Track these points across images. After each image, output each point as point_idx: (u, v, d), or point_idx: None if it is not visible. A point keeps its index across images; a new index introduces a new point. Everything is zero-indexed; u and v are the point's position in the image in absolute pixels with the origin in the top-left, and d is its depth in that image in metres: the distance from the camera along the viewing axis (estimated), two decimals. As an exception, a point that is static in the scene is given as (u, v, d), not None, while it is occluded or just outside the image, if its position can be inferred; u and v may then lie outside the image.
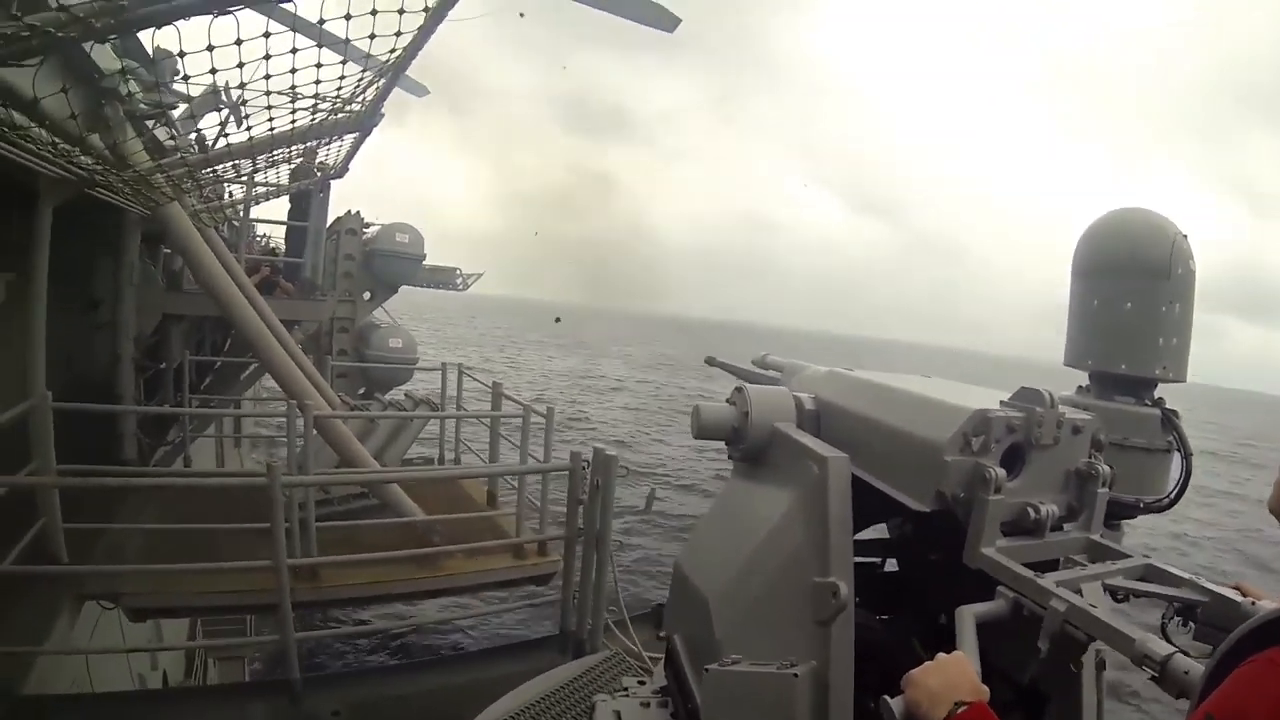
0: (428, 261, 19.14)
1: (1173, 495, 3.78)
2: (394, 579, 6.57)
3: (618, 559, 6.33)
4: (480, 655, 5.93)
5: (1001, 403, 2.38)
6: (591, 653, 5.12)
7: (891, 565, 3.41)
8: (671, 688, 2.70)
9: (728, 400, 2.80)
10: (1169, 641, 1.73)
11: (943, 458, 2.19)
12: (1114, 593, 2.23)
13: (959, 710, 1.44)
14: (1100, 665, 2.56)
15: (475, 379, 10.62)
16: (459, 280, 23.44)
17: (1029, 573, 2.06)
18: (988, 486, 2.17)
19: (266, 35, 3.33)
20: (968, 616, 1.99)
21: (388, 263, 15.35)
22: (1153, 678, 1.64)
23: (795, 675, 2.03)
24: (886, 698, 1.59)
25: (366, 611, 7.50)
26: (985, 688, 1.56)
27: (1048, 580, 2.01)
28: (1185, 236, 3.73)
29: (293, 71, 3.82)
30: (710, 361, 4.25)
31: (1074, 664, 2.38)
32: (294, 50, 3.62)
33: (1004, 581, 2.10)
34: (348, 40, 3.65)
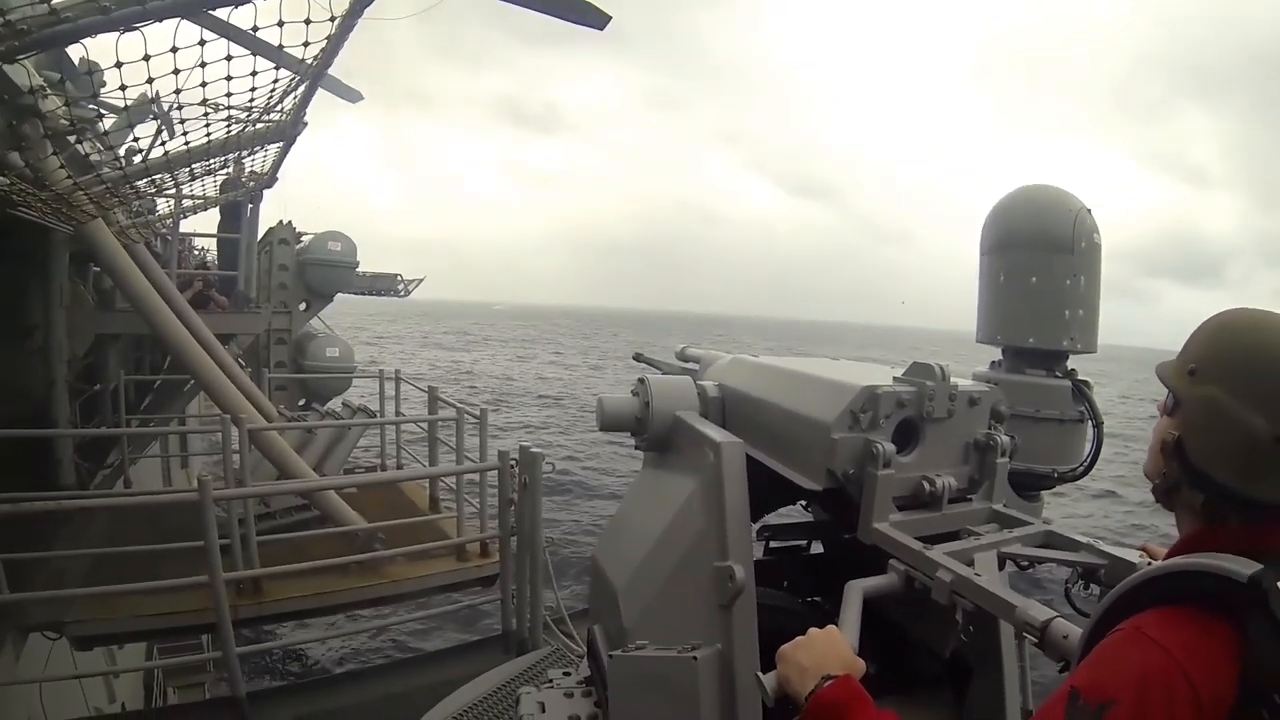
0: (367, 269, 18.97)
1: (1086, 464, 3.92)
2: (339, 589, 6.52)
3: (559, 555, 6.36)
4: (426, 659, 5.92)
5: (895, 379, 2.40)
6: (533, 650, 5.16)
7: (819, 548, 3.40)
8: (594, 677, 2.71)
9: (631, 392, 2.81)
10: (1073, 606, 1.78)
11: (831, 436, 2.20)
12: (1017, 560, 2.25)
13: (824, 684, 1.42)
14: (1020, 635, 2.74)
15: (415, 385, 10.62)
16: (400, 286, 23.28)
17: (918, 545, 2.06)
18: (876, 462, 2.18)
19: (174, 50, 3.32)
20: (855, 591, 1.99)
21: (321, 272, 15.09)
22: (1035, 644, 1.66)
23: (695, 659, 2.04)
24: (759, 674, 1.59)
25: (313, 622, 7.46)
26: (860, 662, 1.54)
27: (936, 552, 2.01)
28: (1089, 210, 3.81)
29: (203, 85, 3.79)
30: (638, 358, 4.25)
31: (992, 636, 2.41)
32: (203, 62, 3.59)
33: (895, 555, 2.11)
34: (249, 36, 3.64)
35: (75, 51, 6.93)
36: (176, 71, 3.54)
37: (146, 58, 3.29)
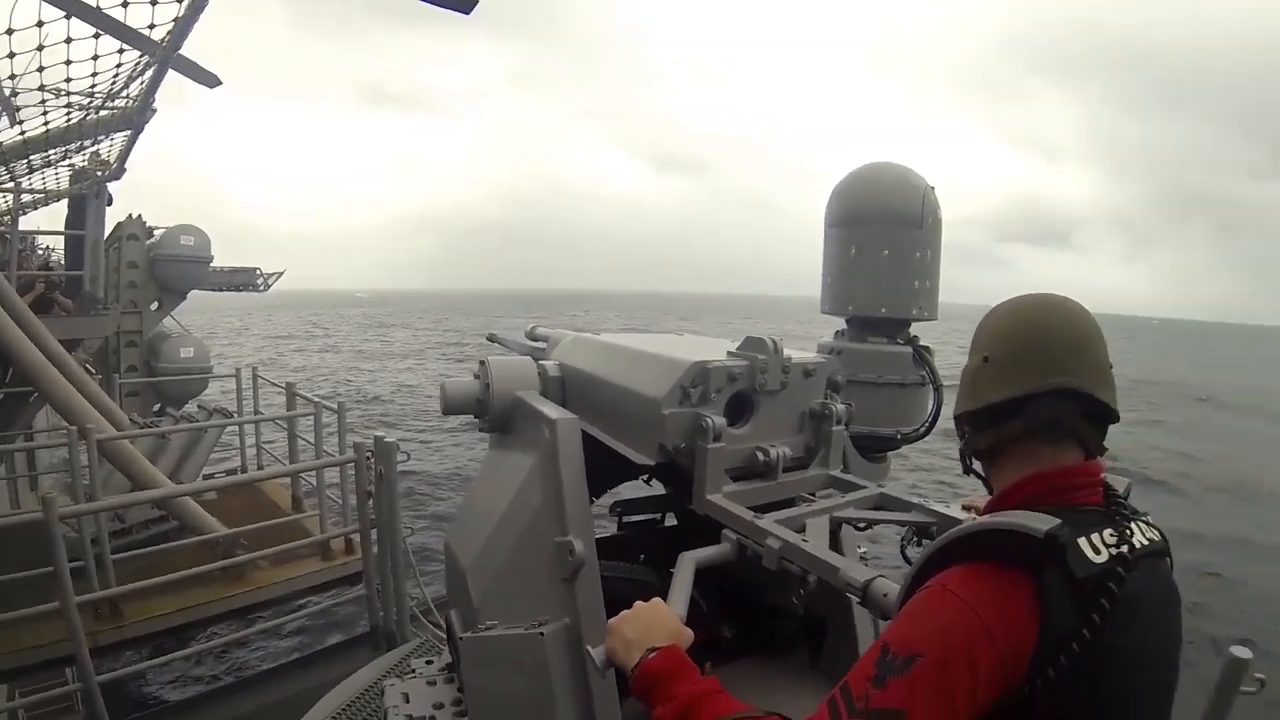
0: (225, 263, 18.18)
1: (927, 424, 4.09)
2: (203, 601, 6.30)
3: (422, 545, 6.33)
4: (297, 666, 5.67)
5: (729, 353, 2.43)
6: (402, 643, 5.12)
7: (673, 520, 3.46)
8: (456, 663, 2.71)
9: (474, 375, 2.81)
10: (908, 563, 1.73)
11: (661, 411, 2.22)
12: (854, 524, 2.32)
13: (650, 655, 1.44)
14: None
15: (272, 383, 10.27)
16: (260, 280, 22.35)
17: (748, 514, 2.10)
18: (706, 435, 2.21)
19: (9, 32, 3.11)
20: (687, 562, 2.01)
21: (173, 268, 14.12)
22: (859, 602, 1.70)
23: (542, 635, 2.04)
24: (589, 647, 1.60)
25: (179, 640, 7.20)
26: (687, 631, 1.56)
27: (766, 520, 2.04)
28: (933, 189, 3.99)
29: (40, 70, 3.53)
30: (492, 338, 4.25)
31: (795, 597, 2.63)
32: (41, 45, 3.37)
33: (728, 524, 2.14)
34: (94, 12, 3.40)
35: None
36: (12, 55, 3.31)
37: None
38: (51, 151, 6.07)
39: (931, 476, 19.16)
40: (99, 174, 9.79)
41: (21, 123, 4.97)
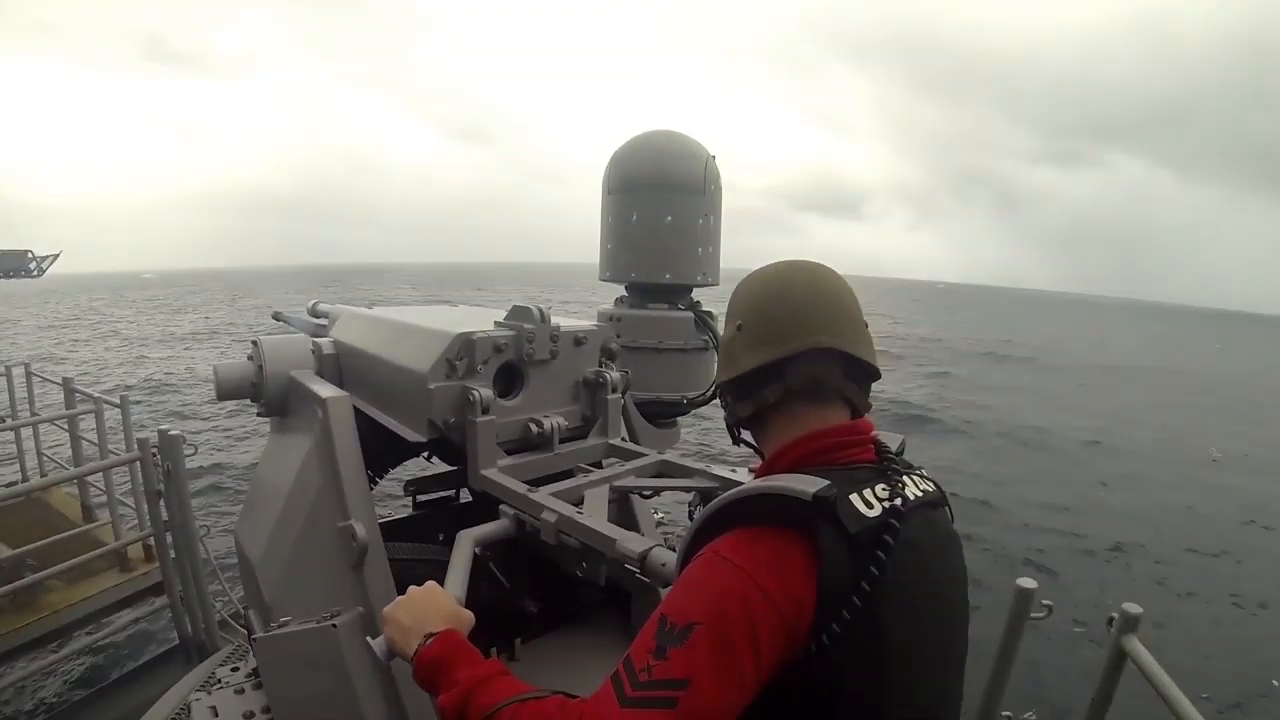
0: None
1: (712, 389, 4.14)
2: None
3: (226, 545, 5.91)
4: (103, 693, 5.12)
5: (496, 323, 2.40)
6: (213, 653, 4.80)
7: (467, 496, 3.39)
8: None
9: (248, 356, 2.70)
10: (641, 536, 1.81)
11: (427, 386, 2.18)
12: (639, 491, 2.35)
13: (428, 642, 1.41)
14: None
15: (48, 379, 9.19)
16: (33, 264, 20.23)
17: (522, 488, 2.10)
18: (475, 409, 2.19)
19: None
20: (465, 540, 1.99)
21: None
22: (638, 573, 1.72)
23: (335, 626, 1.99)
24: (369, 638, 1.57)
25: None
26: (466, 613, 1.54)
27: (541, 493, 2.05)
28: (714, 158, 4.04)
29: None
30: (277, 317, 4.08)
31: (579, 570, 2.48)
32: None
33: (504, 499, 2.13)
34: None
35: None
36: None
37: None
38: None
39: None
40: None
41: None
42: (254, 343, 2.71)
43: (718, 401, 1.72)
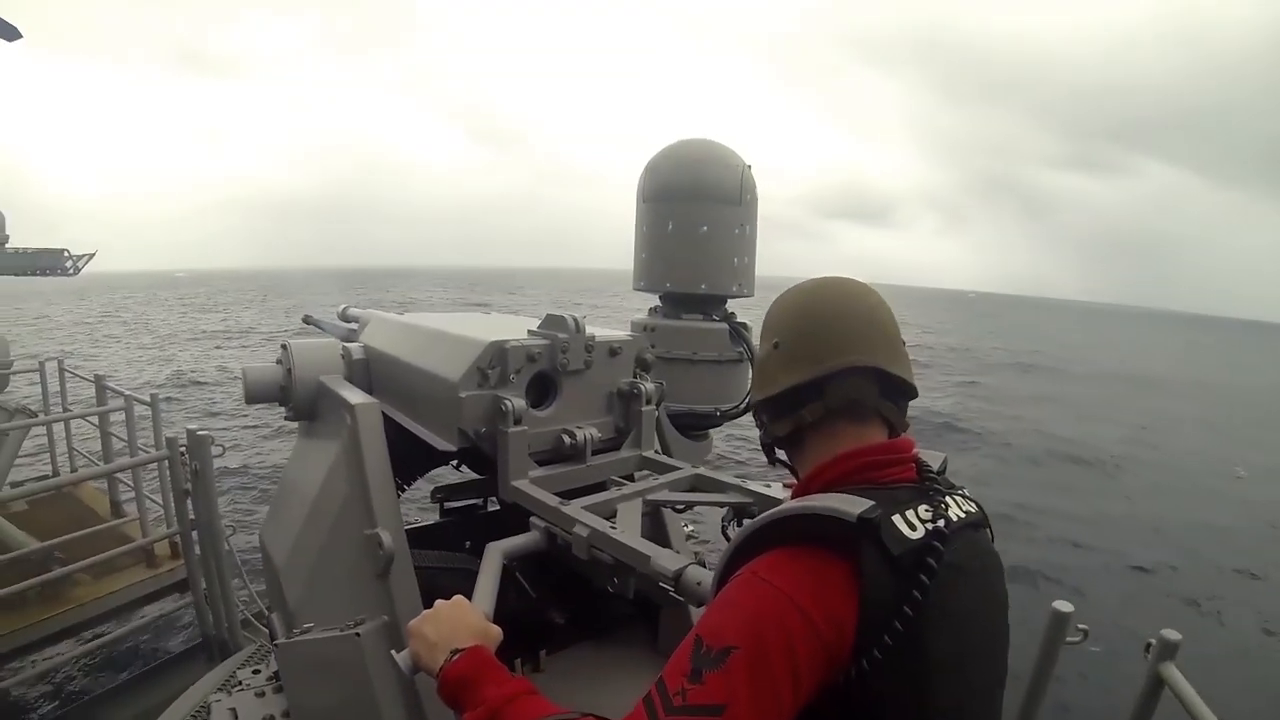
0: (26, 244, 16.54)
1: (746, 402, 4.03)
2: (18, 626, 5.64)
3: (250, 544, 5.95)
4: (126, 688, 5.13)
5: (529, 332, 2.35)
6: (235, 652, 4.68)
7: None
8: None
9: (277, 360, 2.68)
10: (677, 553, 1.77)
11: (458, 394, 2.13)
12: (672, 505, 2.30)
13: (454, 658, 1.37)
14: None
15: (80, 376, 9.37)
16: (68, 263, 20.55)
17: (554, 501, 2.05)
18: (506, 419, 2.14)
19: None
20: (494, 553, 1.95)
21: None
22: (672, 592, 1.67)
23: (358, 635, 1.96)
24: (393, 652, 1.53)
25: None
26: (494, 629, 1.51)
27: (574, 507, 2.00)
28: (750, 167, 3.99)
29: None
30: (307, 320, 4.06)
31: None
32: None
33: (535, 512, 2.09)
34: None
35: None
36: None
37: None
38: None
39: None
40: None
41: None
42: (283, 346, 2.69)
43: (752, 417, 1.68)
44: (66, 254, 20.62)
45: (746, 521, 1.99)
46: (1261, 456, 23.49)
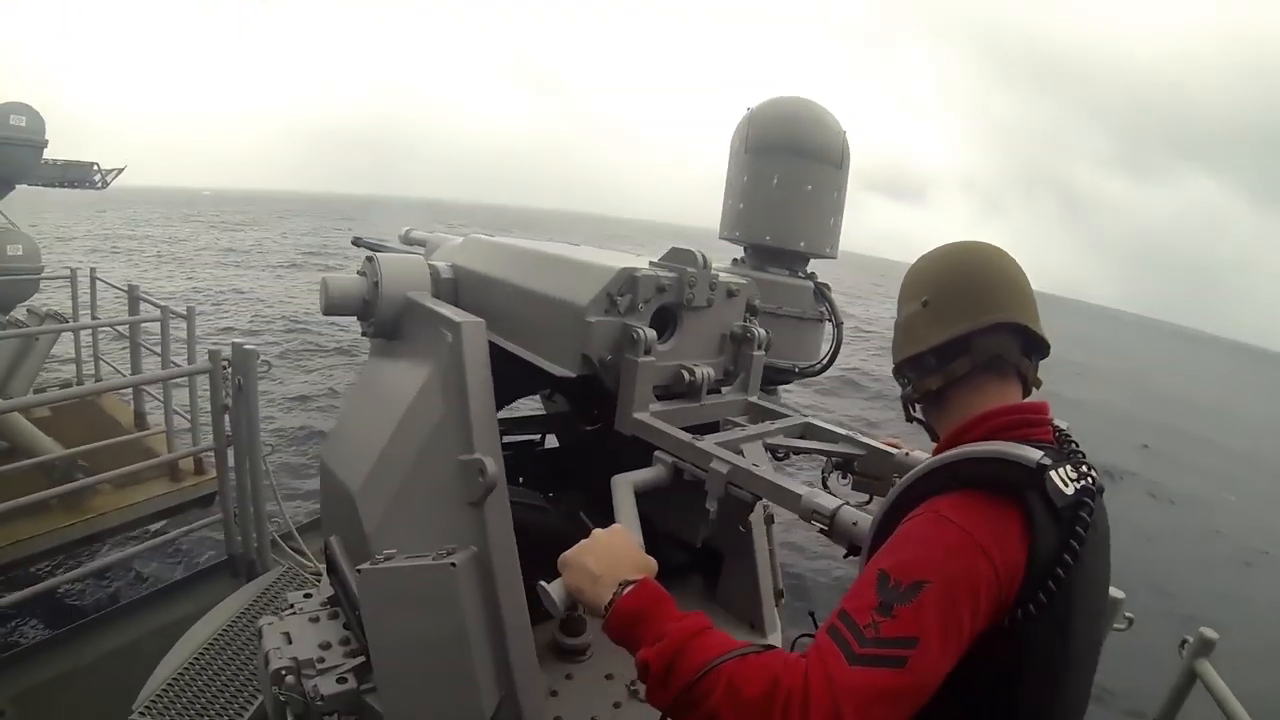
0: (56, 156, 16.44)
1: (825, 361, 4.09)
2: (39, 533, 5.71)
3: (278, 464, 5.92)
4: (148, 601, 5.11)
5: (651, 263, 2.30)
6: (264, 572, 4.80)
7: (553, 442, 3.36)
8: (339, 595, 2.50)
9: (359, 271, 2.59)
10: (829, 494, 1.75)
11: (586, 319, 2.07)
12: (774, 451, 2.23)
13: (625, 591, 1.33)
14: (769, 520, 2.68)
15: (112, 285, 9.27)
16: (97, 177, 20.52)
17: (687, 436, 2.00)
18: (636, 348, 2.09)
19: None
20: (625, 486, 1.91)
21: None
22: (822, 530, 1.64)
23: (454, 565, 1.90)
24: (543, 584, 1.46)
25: (16, 579, 6.47)
26: (651, 560, 1.48)
27: (707, 442, 1.96)
28: (845, 133, 4.06)
29: None
30: (357, 242, 3.99)
31: (741, 523, 2.47)
32: None
33: (661, 446, 2.04)
34: None
35: None
36: None
37: None
38: None
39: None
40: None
41: None
42: (369, 258, 2.59)
43: (893, 375, 1.74)
44: (96, 167, 20.54)
45: (862, 469, 2.12)
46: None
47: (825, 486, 2.04)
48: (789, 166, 3.95)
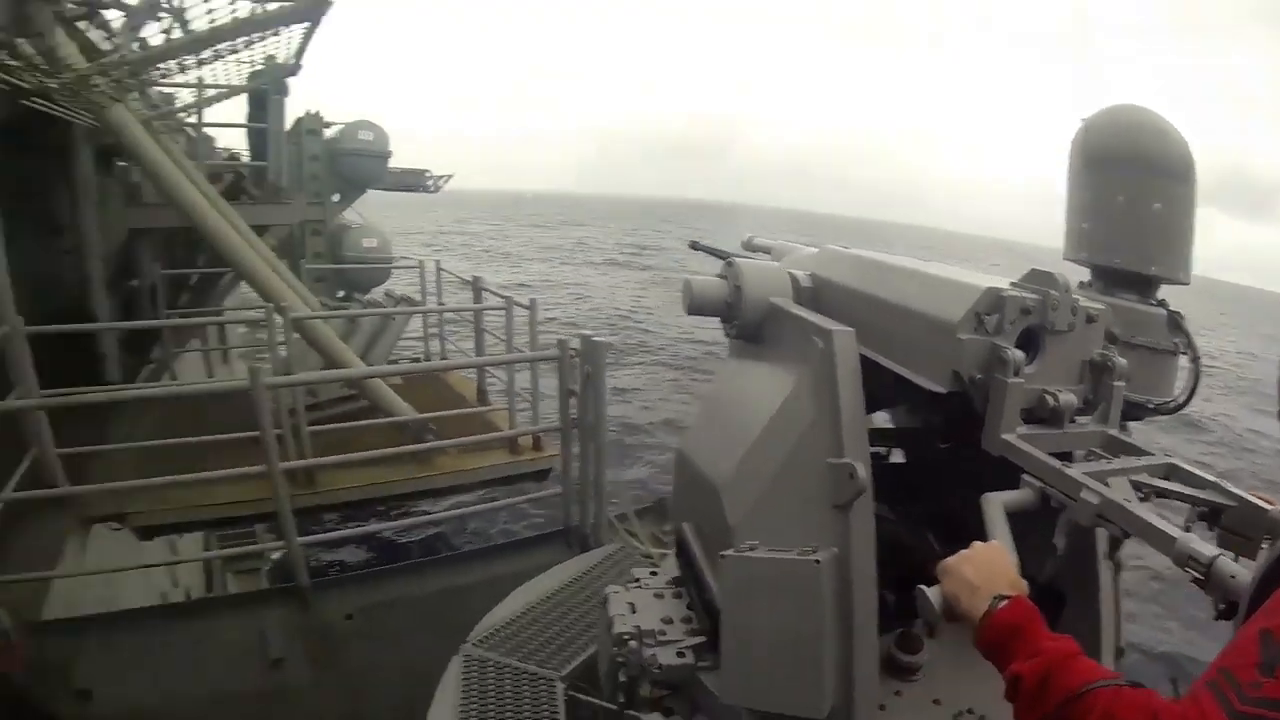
0: (396, 164, 18.62)
1: (1183, 398, 3.81)
2: (391, 479, 6.52)
3: (613, 450, 6.30)
4: (485, 553, 5.88)
5: (1012, 284, 2.27)
6: (596, 547, 5.15)
7: (898, 457, 3.32)
8: (685, 577, 2.65)
9: (719, 275, 2.70)
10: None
11: (956, 336, 2.09)
12: (1136, 490, 2.12)
13: (999, 605, 1.37)
14: (1117, 566, 2.55)
15: (456, 275, 10.38)
16: (430, 182, 23.03)
17: (1055, 461, 1.98)
18: (1006, 368, 2.08)
19: None
20: (996, 505, 1.92)
21: (353, 162, 14.82)
22: (1196, 580, 1.57)
23: (818, 562, 1.97)
24: (923, 588, 1.52)
25: (365, 514, 7.46)
26: (1023, 581, 1.50)
27: (1077, 471, 1.93)
28: (1188, 142, 3.66)
29: None
30: (694, 246, 4.10)
31: (1089, 565, 2.40)
32: None
33: (1028, 469, 2.02)
34: None
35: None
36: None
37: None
38: (228, 44, 6.01)
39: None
40: (278, 68, 9.86)
41: (188, 25, 5.16)
42: (729, 263, 2.70)
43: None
44: (428, 174, 22.84)
45: (1230, 521, 1.89)
46: None
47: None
48: (1134, 182, 3.57)
